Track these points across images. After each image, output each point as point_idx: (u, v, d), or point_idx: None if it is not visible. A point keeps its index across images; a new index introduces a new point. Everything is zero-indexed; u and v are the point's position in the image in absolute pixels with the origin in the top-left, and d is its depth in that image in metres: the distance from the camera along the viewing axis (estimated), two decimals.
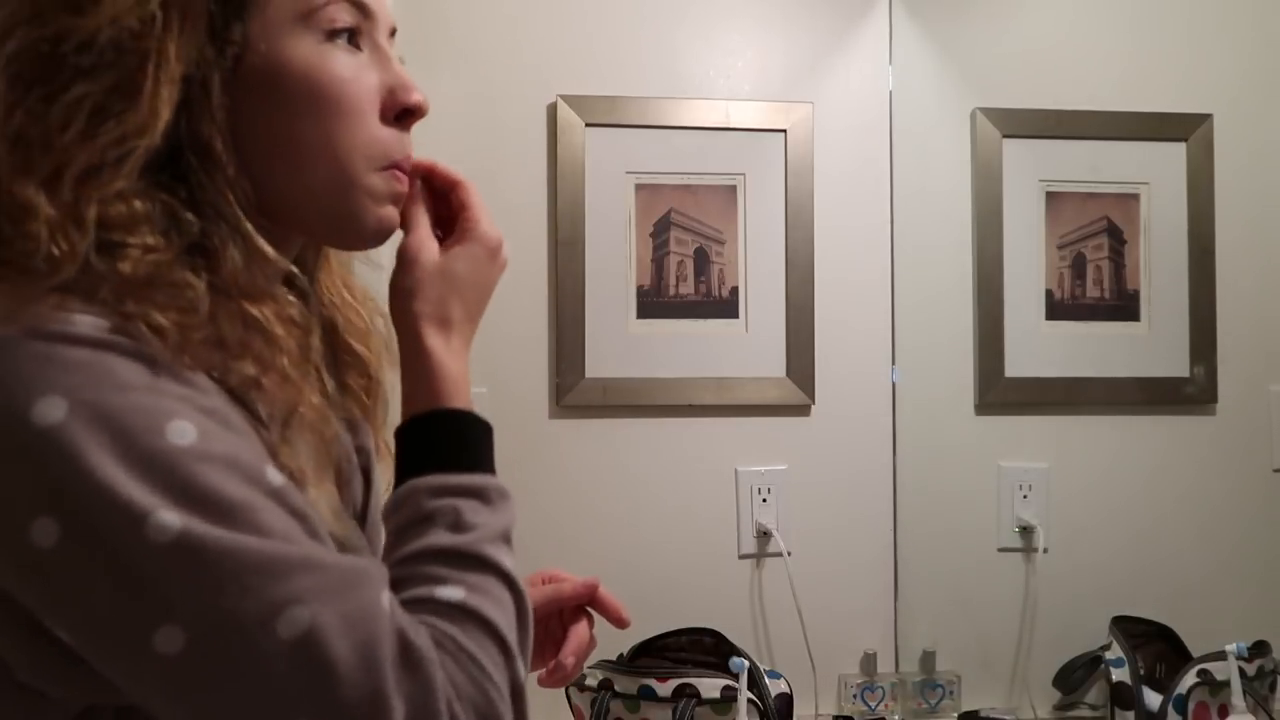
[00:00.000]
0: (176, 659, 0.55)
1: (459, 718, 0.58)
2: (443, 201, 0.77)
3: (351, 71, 0.68)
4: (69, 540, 0.55)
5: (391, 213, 0.73)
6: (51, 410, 0.55)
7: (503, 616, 0.63)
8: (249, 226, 0.65)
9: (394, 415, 0.75)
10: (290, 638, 0.55)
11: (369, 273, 0.86)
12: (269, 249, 0.66)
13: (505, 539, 0.67)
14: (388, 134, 0.71)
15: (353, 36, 0.69)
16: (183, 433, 0.57)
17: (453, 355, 0.72)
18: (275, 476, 0.60)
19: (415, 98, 0.71)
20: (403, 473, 0.69)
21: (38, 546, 0.54)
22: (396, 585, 0.62)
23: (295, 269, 0.70)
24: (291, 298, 0.68)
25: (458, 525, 0.65)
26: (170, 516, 0.55)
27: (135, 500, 0.54)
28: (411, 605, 0.61)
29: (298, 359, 0.66)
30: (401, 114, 0.71)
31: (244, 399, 0.63)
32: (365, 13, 0.69)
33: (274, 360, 0.64)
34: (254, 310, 0.64)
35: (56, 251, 0.58)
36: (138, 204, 0.61)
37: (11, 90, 0.61)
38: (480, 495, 0.68)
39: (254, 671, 0.55)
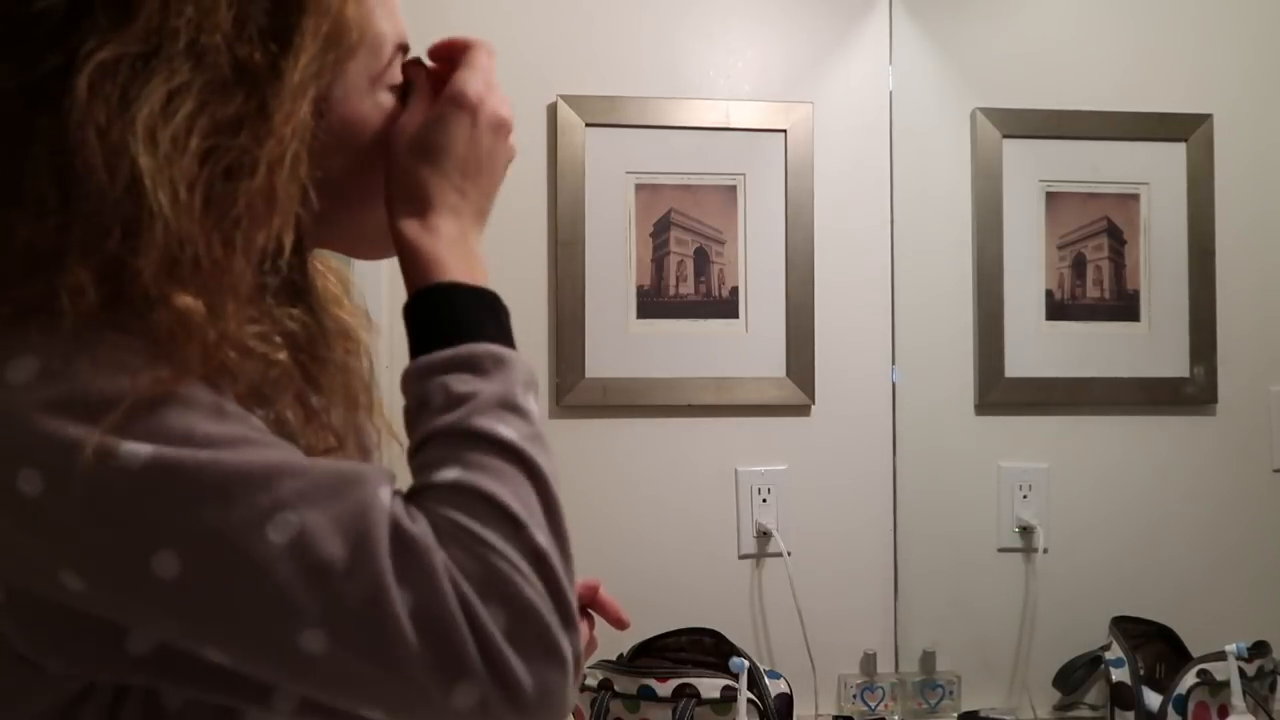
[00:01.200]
0: (177, 582, 0.55)
1: (467, 595, 0.56)
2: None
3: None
4: (51, 485, 0.55)
5: None
6: (25, 367, 0.55)
7: (504, 488, 0.59)
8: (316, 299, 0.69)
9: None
10: (282, 543, 0.54)
11: None
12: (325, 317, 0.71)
13: (508, 406, 0.63)
14: None
15: (396, 86, 0.72)
16: (157, 380, 0.56)
17: (431, 234, 0.68)
18: (259, 423, 0.60)
19: None
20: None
21: (27, 496, 0.55)
22: (414, 476, 0.61)
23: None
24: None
25: (448, 403, 0.62)
26: (138, 445, 0.54)
27: (105, 440, 0.54)
28: (412, 496, 0.59)
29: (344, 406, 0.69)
30: None
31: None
32: (406, 53, 0.73)
33: (302, 405, 0.65)
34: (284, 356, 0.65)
35: (207, 352, 0.58)
36: (249, 323, 0.62)
37: (192, 193, 0.59)
38: (468, 365, 0.64)
39: (253, 581, 0.54)
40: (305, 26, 0.62)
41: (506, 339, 0.68)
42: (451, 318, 0.66)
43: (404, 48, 0.72)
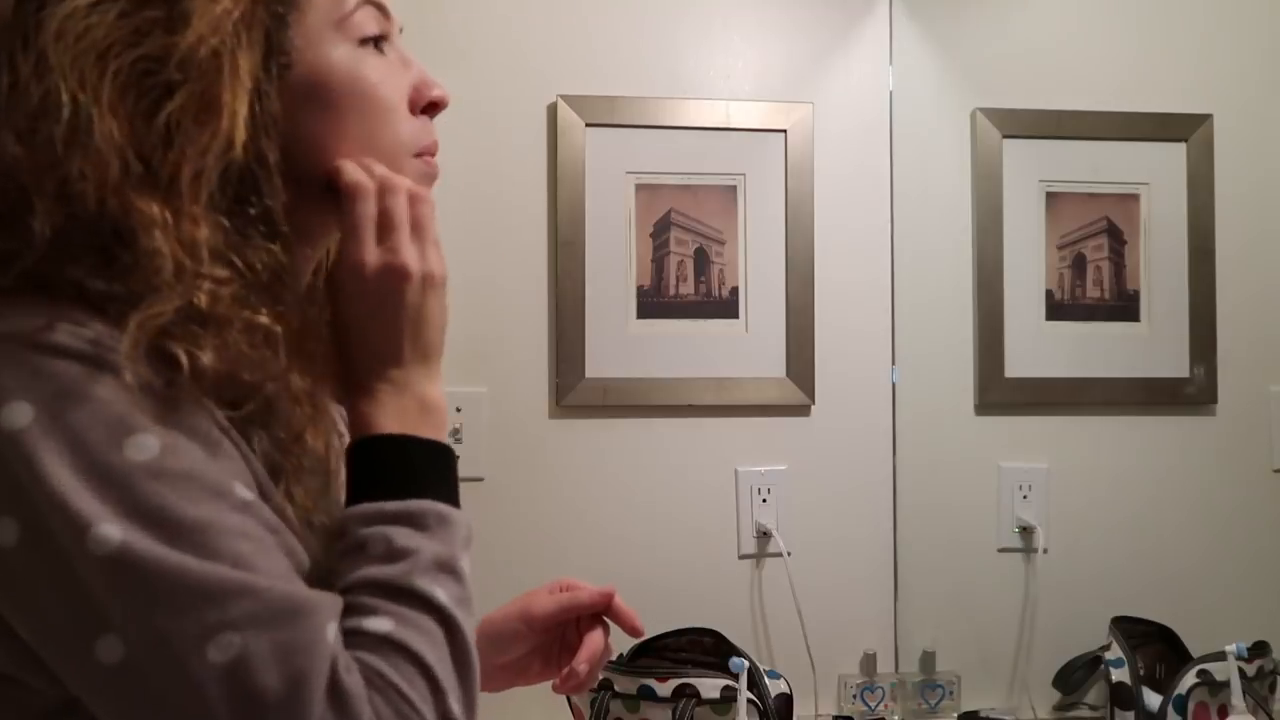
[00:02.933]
0: (115, 669, 0.56)
1: None
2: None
3: (383, 73, 0.72)
4: (25, 543, 0.57)
5: (429, 198, 0.74)
6: (18, 415, 0.57)
7: (431, 650, 0.61)
8: (292, 243, 0.67)
9: None
10: (221, 663, 0.55)
11: None
12: (303, 265, 0.70)
13: (444, 567, 0.64)
14: (418, 124, 0.75)
15: (378, 42, 0.73)
16: (142, 447, 0.57)
17: (387, 384, 0.70)
18: (244, 492, 0.60)
19: (439, 93, 0.76)
20: (346, 500, 0.68)
21: (1, 544, 0.57)
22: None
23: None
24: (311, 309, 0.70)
25: (389, 555, 0.63)
26: (112, 529, 0.55)
27: (81, 510, 0.55)
28: (343, 635, 0.61)
29: (314, 373, 0.67)
30: (427, 107, 0.76)
31: (249, 418, 0.64)
32: (386, 16, 0.73)
33: (296, 377, 0.66)
34: (293, 326, 0.66)
35: (180, 264, 0.60)
36: (213, 235, 0.63)
37: (120, 105, 0.61)
38: (414, 522, 0.65)
39: (184, 693, 0.55)
40: None
41: (452, 494, 0.69)
42: (402, 470, 0.67)
43: (378, 5, 0.73)
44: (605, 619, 0.95)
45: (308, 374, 0.67)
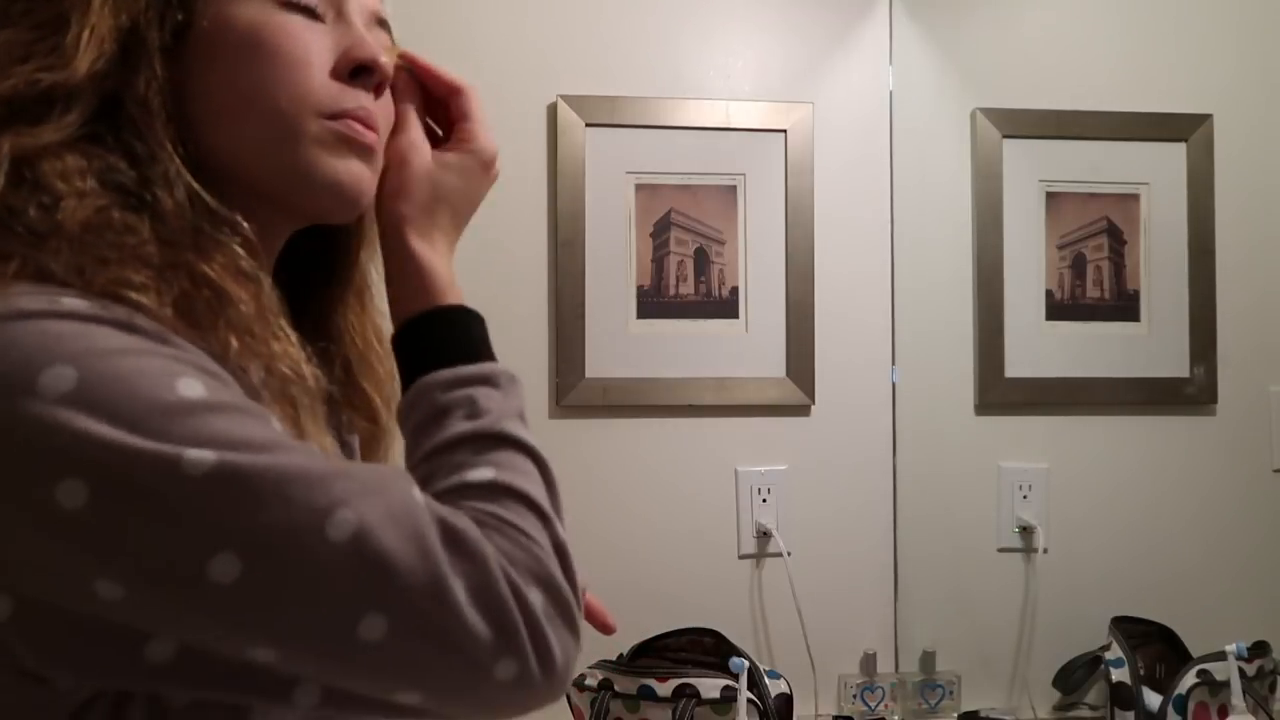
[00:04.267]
0: (235, 585, 0.55)
1: (515, 580, 0.60)
2: (439, 107, 0.78)
3: (298, 29, 0.67)
4: (101, 496, 0.54)
5: (355, 167, 0.69)
6: (61, 379, 0.54)
7: (533, 486, 0.65)
8: (189, 177, 0.64)
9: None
10: (342, 539, 0.56)
11: None
12: (209, 198, 0.64)
13: (520, 417, 0.69)
14: (336, 86, 0.68)
15: (311, 12, 0.68)
16: (191, 387, 0.57)
17: (439, 258, 0.73)
18: (279, 424, 0.62)
19: (366, 52, 0.69)
20: (409, 374, 0.70)
21: (66, 509, 0.54)
22: (426, 482, 0.63)
23: (239, 218, 0.66)
24: (240, 249, 0.65)
25: (474, 412, 0.67)
26: (202, 453, 0.55)
27: (163, 449, 0.55)
28: (445, 495, 0.63)
29: (252, 315, 0.64)
30: (356, 71, 0.69)
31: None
32: None
33: (229, 319, 0.63)
34: (203, 266, 0.63)
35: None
36: (70, 158, 0.62)
37: None
38: (491, 381, 0.69)
39: (315, 578, 0.56)
40: None
41: (494, 356, 0.74)
42: (467, 337, 0.72)
43: None
44: None
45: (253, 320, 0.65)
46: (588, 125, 1.63)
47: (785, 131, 1.68)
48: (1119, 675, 1.53)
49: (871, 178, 1.71)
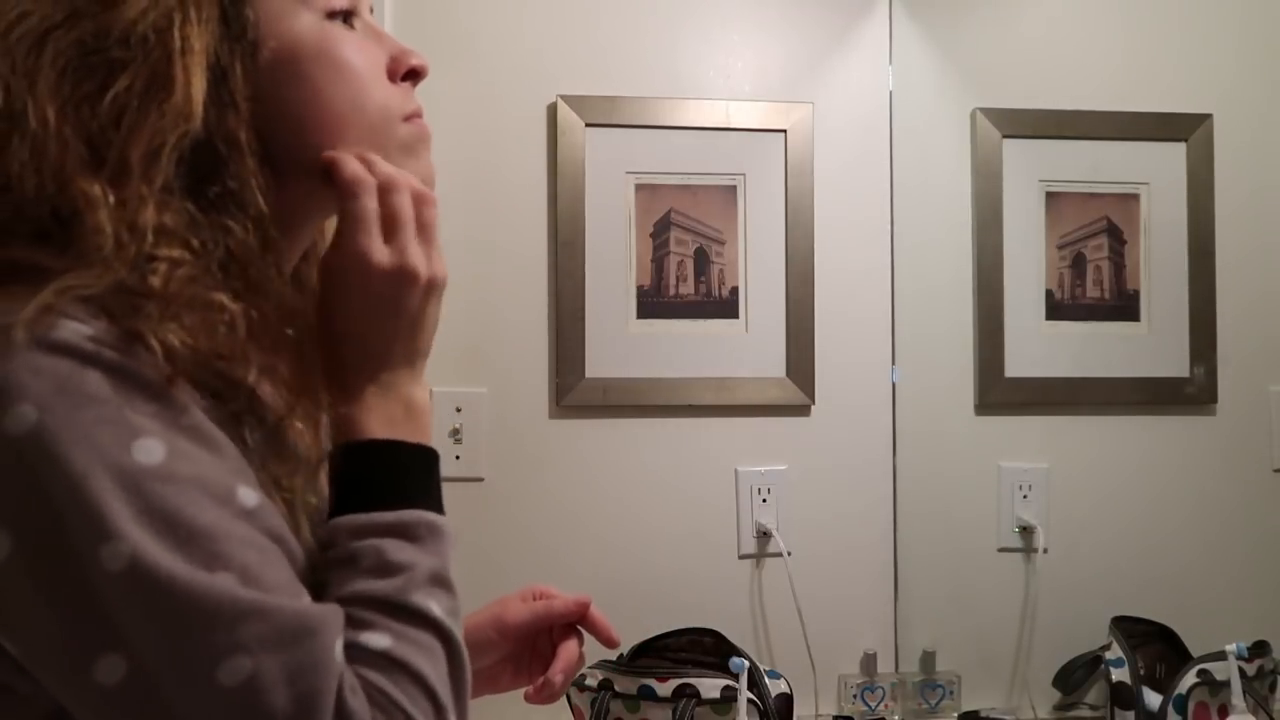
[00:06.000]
0: (115, 690, 0.54)
1: None
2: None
3: (354, 43, 0.71)
4: (19, 555, 0.54)
5: (428, 161, 0.74)
6: (21, 420, 0.54)
7: (431, 667, 0.61)
8: (269, 225, 0.65)
9: None
10: (231, 685, 0.54)
11: None
12: (287, 248, 0.68)
13: (437, 580, 0.63)
14: (399, 90, 0.73)
15: (347, 16, 0.71)
16: (149, 451, 0.56)
17: (375, 386, 0.68)
18: (249, 497, 0.59)
19: (417, 60, 0.74)
20: (332, 508, 0.66)
21: None
22: None
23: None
24: (295, 293, 0.68)
25: (382, 569, 0.62)
26: (124, 543, 0.54)
27: (90, 522, 0.54)
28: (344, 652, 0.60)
29: (297, 358, 0.65)
30: (408, 74, 0.74)
31: (235, 410, 0.62)
32: None
33: (276, 362, 0.64)
34: (265, 309, 0.64)
35: (121, 242, 0.59)
36: (168, 216, 0.61)
37: (59, 90, 0.61)
38: (406, 533, 0.64)
39: (191, 714, 0.54)
40: None
41: (438, 500, 0.67)
42: (391, 478, 0.66)
43: None
44: (580, 628, 0.94)
45: (290, 358, 0.65)
46: (588, 125, 1.63)
47: (785, 131, 1.67)
48: (1119, 675, 1.53)
49: (871, 178, 1.71)
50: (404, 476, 0.67)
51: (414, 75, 0.74)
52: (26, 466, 0.54)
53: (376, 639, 0.60)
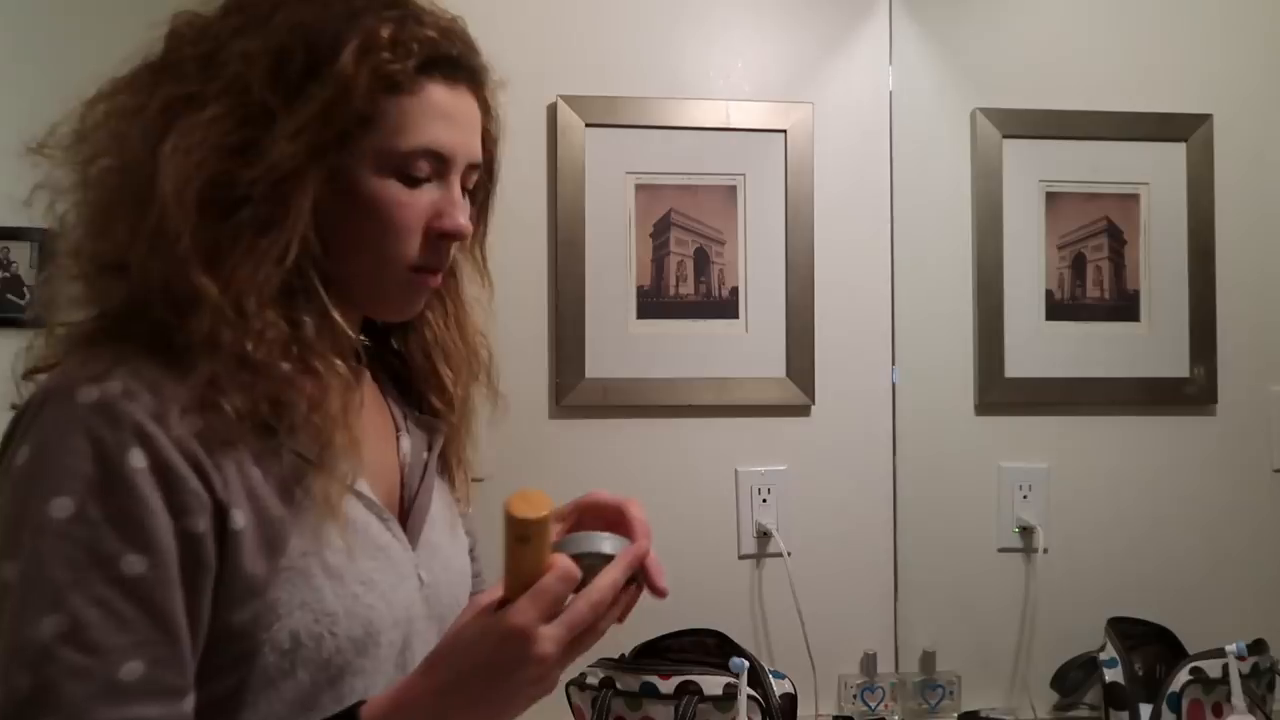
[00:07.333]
0: None
1: None
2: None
3: (406, 200, 0.83)
4: None
5: (417, 302, 0.89)
6: (19, 456, 0.73)
7: None
8: (330, 306, 0.82)
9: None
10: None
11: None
12: (340, 323, 0.82)
13: None
14: (426, 246, 0.85)
15: (419, 181, 0.83)
16: (61, 507, 0.70)
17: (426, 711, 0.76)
18: (136, 565, 0.71)
19: (448, 224, 0.85)
20: None
21: None
22: None
23: (355, 339, 0.85)
24: (339, 362, 0.82)
25: None
26: (8, 568, 0.70)
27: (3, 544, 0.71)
28: None
29: (338, 404, 0.80)
30: (441, 235, 0.85)
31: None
32: (444, 162, 0.84)
33: (320, 401, 0.79)
34: (318, 365, 0.80)
35: (219, 334, 0.75)
36: (257, 301, 0.77)
37: (199, 214, 0.75)
38: None
39: None
40: (312, 90, 0.77)
41: None
42: None
43: (437, 155, 0.83)
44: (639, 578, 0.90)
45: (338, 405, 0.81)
46: (588, 125, 1.63)
47: (785, 131, 1.68)
48: (1113, 675, 1.53)
49: (871, 178, 1.71)
50: None
51: (445, 236, 0.85)
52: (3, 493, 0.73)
53: None
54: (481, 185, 0.96)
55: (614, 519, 0.90)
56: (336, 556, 0.79)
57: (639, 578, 0.85)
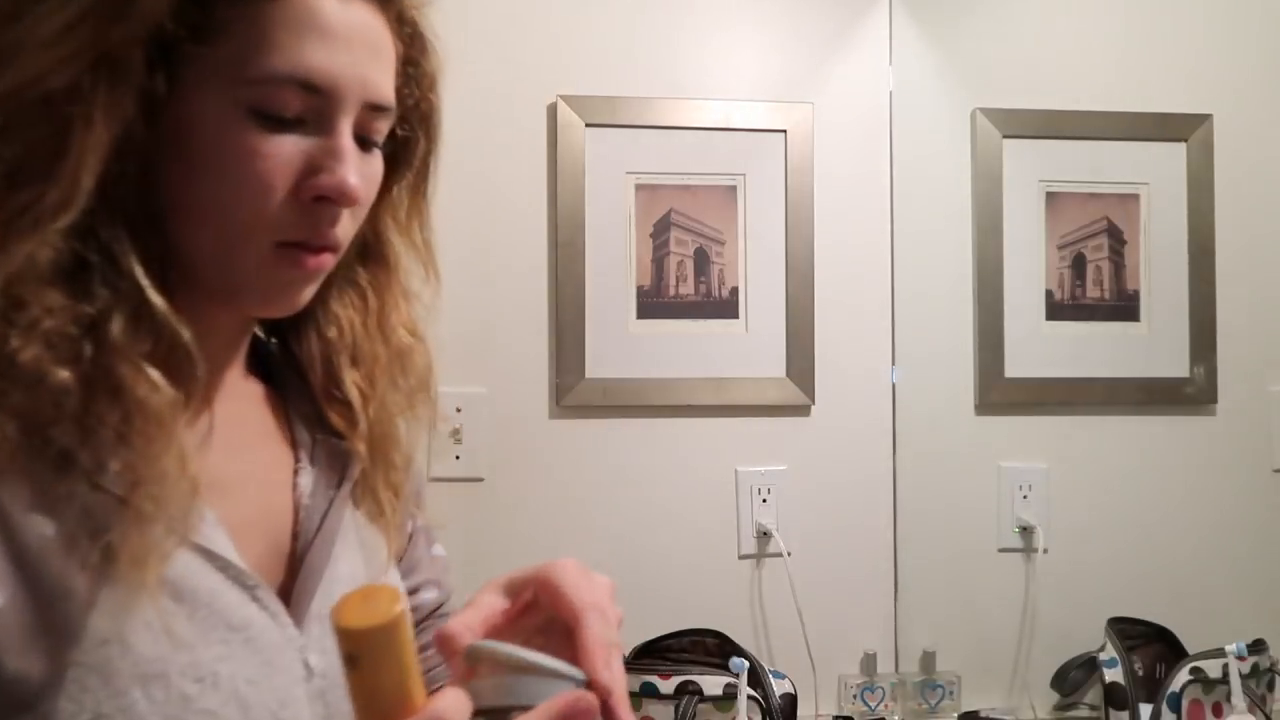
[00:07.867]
0: None
1: None
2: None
3: (263, 148, 0.62)
4: None
5: (294, 290, 0.66)
6: None
7: None
8: (150, 291, 0.60)
9: None
10: None
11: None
12: (167, 316, 0.61)
13: None
14: (295, 211, 0.64)
15: (285, 122, 0.63)
16: None
17: None
18: None
19: (325, 181, 0.64)
20: None
21: None
22: None
23: (185, 335, 0.62)
24: (154, 372, 0.60)
25: None
26: None
27: None
28: None
29: (160, 429, 0.60)
30: (318, 198, 0.64)
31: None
32: (324, 97, 0.63)
33: (126, 426, 0.59)
34: (123, 372, 0.59)
35: None
36: (51, 294, 0.58)
37: None
38: None
39: None
40: None
41: None
42: None
43: (312, 86, 0.63)
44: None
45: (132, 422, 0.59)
46: (588, 125, 1.63)
47: (785, 131, 1.68)
48: (1113, 675, 1.53)
49: (871, 178, 1.71)
50: None
51: (324, 201, 0.64)
52: None
53: None
54: (414, 144, 0.76)
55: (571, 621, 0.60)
56: (155, 643, 0.58)
57: None
